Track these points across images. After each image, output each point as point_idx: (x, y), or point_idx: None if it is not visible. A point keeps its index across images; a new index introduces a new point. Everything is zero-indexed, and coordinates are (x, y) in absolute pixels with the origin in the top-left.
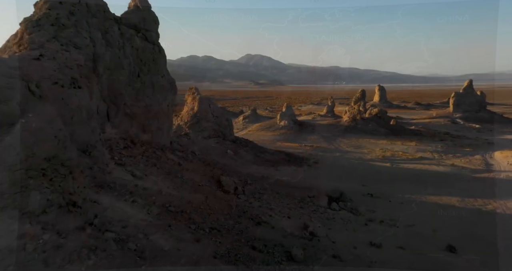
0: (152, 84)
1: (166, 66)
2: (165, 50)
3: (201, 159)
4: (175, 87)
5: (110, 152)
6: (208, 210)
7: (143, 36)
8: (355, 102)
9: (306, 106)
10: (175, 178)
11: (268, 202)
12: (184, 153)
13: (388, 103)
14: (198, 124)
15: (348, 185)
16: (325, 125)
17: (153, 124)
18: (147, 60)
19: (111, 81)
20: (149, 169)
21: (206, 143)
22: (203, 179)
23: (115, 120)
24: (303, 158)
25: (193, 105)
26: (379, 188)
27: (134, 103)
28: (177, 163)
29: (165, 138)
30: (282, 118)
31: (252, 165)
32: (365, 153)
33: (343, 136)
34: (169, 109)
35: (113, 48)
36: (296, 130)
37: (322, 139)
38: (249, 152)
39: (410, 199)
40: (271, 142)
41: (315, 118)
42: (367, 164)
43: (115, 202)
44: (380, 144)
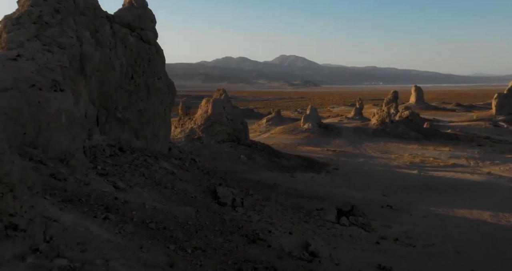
0: (147, 86)
1: (164, 67)
2: (201, 52)
3: (200, 166)
4: (174, 90)
5: (94, 161)
6: (197, 225)
7: (138, 35)
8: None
9: (339, 107)
10: (164, 189)
11: (270, 215)
12: (181, 160)
13: (425, 105)
14: (212, 128)
15: (367, 195)
16: (351, 129)
17: (147, 130)
18: (142, 61)
19: (101, 83)
20: (135, 179)
21: (219, 148)
22: (197, 190)
23: (105, 126)
24: (323, 164)
25: (207, 108)
26: (401, 199)
27: (127, 107)
28: (171, 172)
29: (161, 144)
30: (305, 121)
31: (265, 171)
32: (392, 159)
33: (371, 139)
34: (166, 114)
35: (103, 48)
36: (320, 134)
37: (347, 143)
38: (264, 157)
39: (435, 212)
40: (292, 145)
41: (342, 121)
42: (392, 171)
43: (81, 219)
44: (409, 149)
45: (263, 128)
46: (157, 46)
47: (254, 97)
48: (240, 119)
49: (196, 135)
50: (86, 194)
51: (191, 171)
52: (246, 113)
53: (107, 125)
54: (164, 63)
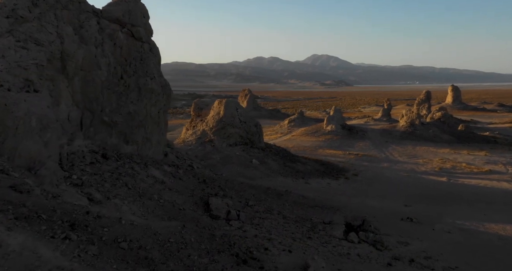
0: (138, 87)
1: (159, 66)
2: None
3: (197, 174)
4: (169, 91)
5: (70, 169)
6: (180, 243)
7: (129, 32)
8: (418, 104)
9: (370, 108)
10: (148, 200)
11: (269, 229)
12: (175, 167)
13: (462, 105)
14: (224, 130)
15: (387, 204)
16: (377, 131)
17: (138, 134)
18: (133, 59)
19: (85, 83)
20: (116, 190)
21: (231, 151)
22: (187, 201)
23: (89, 130)
24: (341, 169)
25: (219, 109)
26: (424, 210)
27: (115, 109)
28: (160, 181)
29: (154, 150)
30: (329, 123)
31: (278, 176)
32: (420, 164)
33: (398, 142)
34: (160, 117)
35: (88, 46)
36: (343, 136)
37: (372, 146)
38: (278, 161)
39: (462, 227)
40: (312, 148)
41: (368, 123)
42: (418, 178)
43: (33, 241)
44: (440, 153)
45: (285, 129)
46: (150, 44)
47: (284, 97)
48: (253, 122)
49: (207, 138)
50: (50, 209)
51: (184, 179)
52: (271, 114)
53: (92, 129)
54: (159, 62)
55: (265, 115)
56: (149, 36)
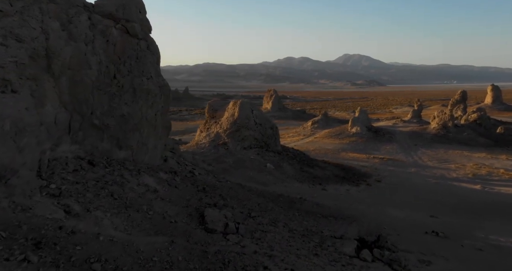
0: (133, 88)
1: (157, 66)
2: (263, 52)
3: (197, 181)
4: (168, 92)
5: (50, 177)
6: (165, 262)
7: (123, 28)
8: (453, 105)
9: (402, 108)
10: (135, 212)
11: (271, 245)
12: (173, 174)
13: (503, 106)
14: (238, 132)
15: (410, 215)
16: (406, 133)
17: (132, 139)
18: (127, 58)
19: (74, 84)
20: (99, 201)
21: (244, 155)
22: (181, 213)
23: (77, 134)
24: (364, 174)
25: (233, 111)
26: (452, 222)
27: (107, 111)
28: (152, 190)
29: (151, 155)
30: (353, 124)
31: (294, 182)
32: (451, 169)
33: (429, 146)
34: (158, 120)
35: (77, 43)
36: (368, 139)
37: (400, 150)
38: (295, 166)
39: (496, 244)
40: (335, 151)
41: (396, 124)
42: (448, 185)
43: None
44: (475, 158)
45: (308, 131)
46: (148, 41)
47: (313, 97)
48: (269, 124)
49: (221, 140)
50: (14, 224)
51: (181, 187)
52: (297, 115)
53: (81, 133)
54: (157, 61)
55: (290, 116)
56: (147, 33)
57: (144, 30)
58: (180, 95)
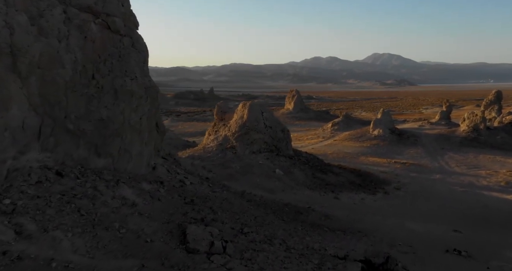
0: (115, 89)
1: (144, 65)
2: (290, 52)
3: (186, 191)
4: (155, 94)
5: (6, 191)
6: None
7: (104, 23)
8: (486, 106)
9: (433, 109)
10: (104, 231)
11: (262, 267)
12: (158, 184)
13: None
14: (247, 135)
15: (430, 229)
16: (432, 136)
17: (113, 145)
18: (108, 56)
19: (44, 84)
20: (61, 218)
21: (253, 159)
22: (160, 230)
23: (49, 140)
24: (382, 181)
25: (242, 113)
26: (479, 239)
27: (83, 115)
28: (130, 204)
29: (135, 163)
30: (375, 127)
31: (304, 189)
32: (481, 176)
33: (457, 150)
34: (143, 124)
35: (48, 39)
36: (391, 142)
37: (425, 154)
38: (306, 172)
39: None
40: (354, 155)
41: (423, 127)
42: (477, 194)
43: None
44: (509, 164)
45: (328, 133)
46: (133, 38)
47: (339, 97)
48: (280, 126)
49: (229, 144)
50: None
51: (165, 199)
52: (319, 116)
53: (53, 139)
54: (144, 59)
55: (312, 117)
56: (132, 29)
57: (128, 26)
58: (205, 95)
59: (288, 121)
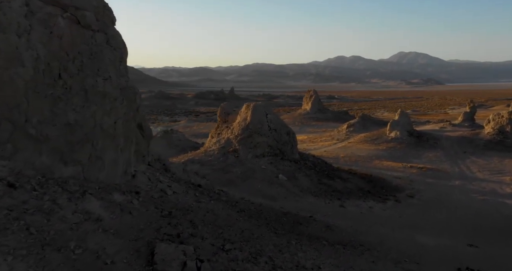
0: (85, 90)
1: (120, 64)
2: (313, 52)
3: (166, 203)
4: (133, 95)
5: None
6: None
7: (73, 17)
8: None
9: (460, 109)
10: (55, 252)
11: None
12: (133, 195)
13: None
14: (251, 139)
15: (443, 243)
16: (454, 138)
17: (82, 152)
18: (78, 54)
19: (1, 85)
20: (4, 238)
21: (255, 164)
22: (125, 249)
23: (6, 147)
24: (394, 188)
25: (246, 115)
26: (496, 255)
27: (47, 119)
28: (94, 218)
29: (109, 172)
30: (392, 128)
31: (308, 196)
32: (505, 183)
33: (480, 154)
34: (118, 129)
35: (5, 34)
36: (409, 145)
37: (445, 158)
38: (312, 177)
39: None
40: (367, 159)
41: (444, 128)
42: (498, 203)
43: None
44: None
45: (342, 135)
46: (108, 34)
47: (362, 97)
48: (285, 129)
49: (231, 147)
50: None
51: (137, 213)
52: (338, 116)
53: (10, 145)
54: (120, 58)
55: (330, 117)
56: (106, 24)
57: (102, 21)
58: (225, 95)
59: (305, 122)
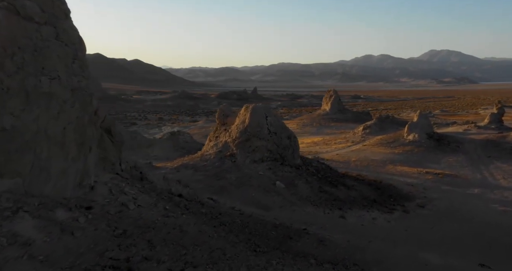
0: (26, 91)
1: (75, 62)
2: (339, 51)
3: (121, 219)
4: (87, 98)
5: None
6: None
7: (11, 7)
8: None
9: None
10: None
11: None
12: (83, 211)
13: None
14: (249, 142)
15: (451, 262)
16: (479, 142)
17: (22, 162)
18: (18, 49)
19: None
20: None
21: (253, 169)
22: None
23: None
24: (405, 196)
25: (244, 117)
26: None
27: None
28: (21, 243)
29: (57, 184)
30: (410, 131)
31: (306, 205)
32: None
33: (507, 159)
34: (68, 135)
35: None
36: (428, 148)
37: (467, 163)
38: (313, 184)
39: None
40: (380, 163)
41: (468, 131)
42: None
43: None
44: None
45: (358, 137)
46: (58, 28)
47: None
48: (286, 133)
49: (229, 151)
50: None
51: (81, 233)
52: (358, 117)
53: None
54: (74, 55)
55: (350, 118)
56: (57, 17)
57: (50, 13)
58: (248, 95)
59: (323, 123)
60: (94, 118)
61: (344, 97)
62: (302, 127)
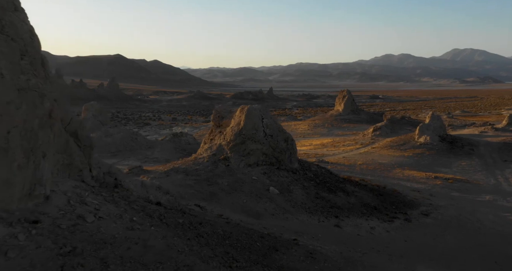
0: None
1: (24, 58)
2: (359, 50)
3: (71, 235)
4: (38, 99)
5: None
6: None
7: None
8: None
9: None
10: None
11: None
12: (25, 227)
13: None
14: (244, 145)
15: None
16: (495, 144)
17: None
18: None
19: None
20: None
21: (247, 174)
22: None
23: None
24: (408, 203)
25: (239, 119)
26: None
27: None
28: None
29: (1, 196)
30: (421, 133)
31: (301, 213)
32: None
33: None
34: (14, 141)
35: None
36: (440, 151)
37: (480, 167)
38: (309, 190)
39: None
40: (387, 167)
41: (485, 133)
42: None
43: None
44: None
45: (367, 139)
46: (3, 21)
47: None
48: (283, 135)
49: (222, 155)
50: None
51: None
52: (372, 118)
53: None
54: (23, 51)
55: (363, 119)
56: (3, 8)
57: None
58: (263, 95)
59: (336, 124)
60: (49, 122)
61: (362, 97)
62: (314, 128)
